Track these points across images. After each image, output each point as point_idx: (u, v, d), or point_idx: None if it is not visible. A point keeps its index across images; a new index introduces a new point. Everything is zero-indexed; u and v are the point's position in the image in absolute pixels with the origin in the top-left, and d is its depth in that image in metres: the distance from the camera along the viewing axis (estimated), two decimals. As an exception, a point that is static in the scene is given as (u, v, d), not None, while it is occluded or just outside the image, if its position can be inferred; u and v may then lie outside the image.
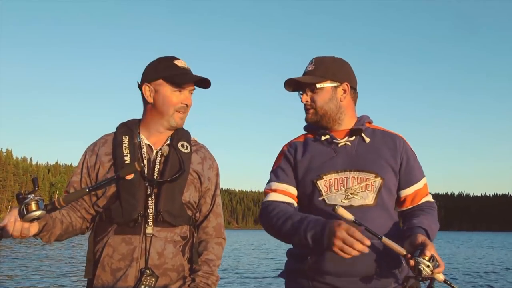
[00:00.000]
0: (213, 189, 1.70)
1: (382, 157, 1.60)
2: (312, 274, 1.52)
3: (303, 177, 1.60)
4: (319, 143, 1.65)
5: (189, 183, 1.59)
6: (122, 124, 1.67)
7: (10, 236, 1.32)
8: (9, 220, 1.31)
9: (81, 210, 1.59)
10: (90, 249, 1.55)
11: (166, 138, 1.64)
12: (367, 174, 1.56)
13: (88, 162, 1.62)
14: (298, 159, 1.63)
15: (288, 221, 1.48)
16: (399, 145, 1.64)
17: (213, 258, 1.62)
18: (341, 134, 1.65)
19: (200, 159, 1.68)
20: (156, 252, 1.50)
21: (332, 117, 1.64)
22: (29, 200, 1.29)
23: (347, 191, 1.54)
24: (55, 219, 1.47)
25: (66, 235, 1.55)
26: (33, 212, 1.29)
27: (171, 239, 1.53)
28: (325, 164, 1.58)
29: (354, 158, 1.59)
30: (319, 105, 1.63)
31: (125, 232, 1.50)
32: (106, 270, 1.50)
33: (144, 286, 1.45)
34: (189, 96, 1.62)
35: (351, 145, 1.61)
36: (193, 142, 1.71)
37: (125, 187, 1.51)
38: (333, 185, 1.55)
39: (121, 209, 1.50)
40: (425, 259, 1.32)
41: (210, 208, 1.68)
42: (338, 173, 1.56)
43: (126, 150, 1.56)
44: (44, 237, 1.45)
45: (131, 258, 1.48)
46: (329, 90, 1.64)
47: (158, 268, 1.49)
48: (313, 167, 1.59)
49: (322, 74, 1.63)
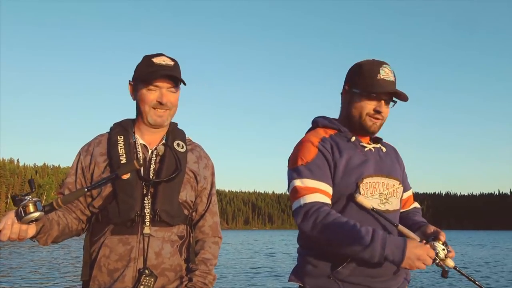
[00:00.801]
0: (209, 188, 1.69)
1: (397, 165, 1.69)
2: (349, 277, 1.51)
3: (342, 177, 1.55)
4: (348, 143, 1.61)
5: (185, 182, 1.59)
6: (117, 124, 1.65)
7: (8, 239, 1.29)
8: (6, 223, 1.28)
9: (77, 211, 1.57)
10: (87, 250, 1.53)
11: (161, 137, 1.63)
12: (393, 180, 1.62)
13: (82, 162, 1.60)
14: (336, 157, 1.56)
15: (353, 232, 1.42)
16: (399, 155, 1.77)
17: (210, 257, 1.61)
18: (364, 139, 1.66)
19: (196, 158, 1.67)
20: (154, 252, 1.49)
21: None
22: (26, 202, 1.27)
23: (381, 196, 1.56)
24: (52, 220, 1.46)
25: (62, 236, 1.53)
26: (31, 213, 1.26)
27: (168, 239, 1.53)
28: (362, 167, 1.57)
29: (380, 164, 1.61)
30: (386, 117, 1.63)
31: (122, 232, 1.49)
32: (103, 271, 1.48)
33: (143, 287, 1.44)
34: (167, 93, 1.57)
35: (375, 151, 1.64)
36: (188, 141, 1.70)
37: (122, 187, 1.50)
38: (369, 189, 1.55)
39: (118, 209, 1.49)
40: (440, 243, 1.45)
41: (206, 207, 1.67)
42: (372, 177, 1.57)
43: (122, 150, 1.55)
44: (41, 239, 1.44)
45: (129, 258, 1.47)
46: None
47: (155, 268, 1.48)
48: (352, 168, 1.56)
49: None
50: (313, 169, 1.54)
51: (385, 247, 1.38)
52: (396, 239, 1.42)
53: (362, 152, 1.61)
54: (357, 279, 1.51)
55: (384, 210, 1.56)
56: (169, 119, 1.62)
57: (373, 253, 1.39)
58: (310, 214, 1.47)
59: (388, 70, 1.60)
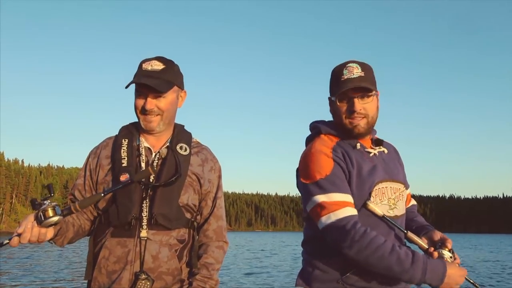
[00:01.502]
0: (214, 192, 1.67)
1: (400, 167, 1.67)
2: (357, 282, 1.49)
3: (358, 186, 1.51)
4: (355, 151, 1.57)
5: (187, 185, 1.58)
6: (124, 127, 1.67)
7: (27, 242, 1.33)
8: (26, 226, 1.32)
9: (87, 213, 1.61)
10: (90, 251, 1.56)
11: (165, 140, 1.63)
12: (398, 184, 1.59)
13: (90, 165, 1.63)
14: (349, 167, 1.52)
15: (393, 254, 1.38)
16: (399, 154, 1.74)
17: (212, 262, 1.59)
18: (367, 143, 1.62)
19: (201, 161, 1.65)
20: (151, 255, 1.49)
21: (373, 128, 1.62)
22: (46, 206, 1.32)
23: (389, 201, 1.54)
24: (68, 222, 1.50)
25: (77, 237, 1.57)
26: (50, 218, 1.31)
27: (166, 243, 1.52)
28: (373, 174, 1.53)
29: (386, 168, 1.58)
30: (371, 115, 1.57)
31: (121, 235, 1.51)
32: (103, 272, 1.50)
33: None
34: (151, 100, 1.55)
35: (378, 155, 1.60)
36: (196, 143, 1.69)
37: (122, 190, 1.51)
38: (378, 195, 1.53)
39: (117, 212, 1.51)
40: (447, 251, 1.47)
41: (211, 211, 1.65)
42: (381, 182, 1.54)
43: (124, 153, 1.57)
44: (58, 241, 1.48)
45: (126, 261, 1.48)
46: (376, 99, 1.59)
47: (152, 272, 1.48)
48: (365, 176, 1.52)
49: (372, 81, 1.57)
50: (336, 182, 1.48)
51: (426, 272, 1.37)
52: (436, 264, 1.39)
53: (369, 159, 1.57)
54: (366, 284, 1.50)
55: (393, 216, 1.54)
56: (161, 124, 1.59)
57: (413, 277, 1.38)
58: (347, 230, 1.41)
59: (352, 68, 1.57)
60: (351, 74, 1.55)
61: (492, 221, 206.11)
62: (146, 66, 1.58)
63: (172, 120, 1.65)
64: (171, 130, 1.67)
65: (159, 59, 1.61)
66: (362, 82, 1.53)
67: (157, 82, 1.54)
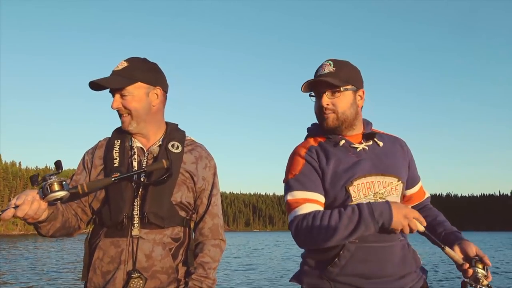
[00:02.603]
0: (209, 189, 1.66)
1: (399, 161, 1.63)
2: (339, 276, 1.50)
3: (332, 183, 1.53)
4: (337, 148, 1.59)
5: (180, 183, 1.57)
6: (117, 129, 1.66)
7: (24, 216, 1.28)
8: (26, 199, 1.27)
9: (77, 210, 1.60)
10: (86, 252, 1.55)
11: (157, 139, 1.63)
12: (391, 178, 1.56)
13: (88, 163, 1.63)
14: (323, 165, 1.55)
15: (342, 216, 1.43)
16: (405, 148, 1.69)
17: (208, 260, 1.58)
18: (355, 138, 1.62)
19: (194, 158, 1.64)
20: (144, 254, 1.48)
21: (350, 123, 1.59)
22: (53, 180, 1.27)
23: (376, 196, 1.52)
24: (58, 210, 1.47)
25: (62, 230, 1.53)
26: (56, 191, 1.26)
27: (160, 241, 1.51)
28: (353, 169, 1.53)
29: (376, 162, 1.57)
30: (341, 110, 1.57)
31: (114, 235, 1.50)
32: (97, 273, 1.50)
33: None
34: (117, 99, 1.55)
35: (369, 149, 1.59)
36: (190, 141, 1.69)
37: (113, 190, 1.51)
38: (361, 190, 1.52)
39: (109, 212, 1.50)
40: (481, 268, 1.42)
41: (206, 209, 1.64)
42: (365, 177, 1.53)
43: (116, 154, 1.57)
44: (45, 227, 1.44)
45: (119, 260, 1.47)
46: (350, 95, 1.58)
47: (146, 271, 1.48)
48: (341, 172, 1.53)
49: (344, 77, 1.57)
50: (301, 180, 1.54)
51: (373, 213, 1.41)
52: (379, 203, 1.45)
53: (354, 154, 1.57)
54: (348, 279, 1.49)
55: None
56: (134, 123, 1.58)
57: (367, 223, 1.41)
58: (300, 225, 1.47)
59: (325, 65, 1.60)
60: (322, 70, 1.59)
61: (489, 219, 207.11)
62: (116, 67, 1.57)
63: (150, 118, 1.60)
64: (158, 128, 1.65)
65: (128, 59, 1.59)
66: (328, 77, 1.55)
67: (111, 79, 1.52)
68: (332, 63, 1.60)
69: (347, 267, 1.49)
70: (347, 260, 1.48)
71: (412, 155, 1.71)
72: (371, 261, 1.48)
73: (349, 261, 1.48)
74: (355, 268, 1.48)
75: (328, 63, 1.60)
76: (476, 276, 1.41)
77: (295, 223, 1.49)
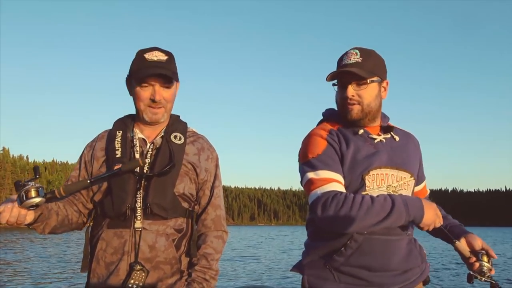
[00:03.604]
0: (212, 180, 1.66)
1: (412, 157, 1.62)
2: (343, 266, 1.50)
3: (349, 169, 1.52)
4: (356, 136, 1.58)
5: (182, 174, 1.57)
6: (118, 120, 1.67)
7: (6, 223, 1.31)
8: (6, 206, 1.30)
9: (78, 205, 1.60)
10: (86, 243, 1.56)
11: (160, 130, 1.63)
12: (404, 173, 1.56)
13: (85, 157, 1.64)
14: (343, 149, 1.54)
15: (375, 203, 1.41)
16: (418, 145, 1.69)
17: (211, 252, 1.58)
18: (374, 130, 1.61)
19: (197, 150, 1.65)
20: (147, 245, 1.49)
21: (373, 115, 1.58)
22: (29, 187, 1.28)
23: (388, 188, 1.52)
24: (51, 210, 1.47)
25: (61, 228, 1.55)
26: (32, 198, 1.28)
27: (163, 232, 1.52)
28: (370, 159, 1.53)
29: (392, 155, 1.56)
30: (367, 102, 1.54)
31: (117, 226, 1.51)
32: (101, 264, 1.51)
33: (134, 281, 1.44)
34: (159, 90, 1.55)
35: (386, 142, 1.59)
36: (192, 133, 1.69)
37: (116, 181, 1.52)
38: (375, 181, 1.52)
39: (112, 203, 1.51)
40: (486, 262, 1.46)
41: (208, 200, 1.65)
42: (381, 168, 1.53)
43: (118, 144, 1.57)
44: (39, 227, 1.45)
45: (122, 251, 1.48)
46: (376, 87, 1.56)
47: (150, 261, 1.48)
48: (359, 160, 1.52)
49: (371, 68, 1.54)
50: (325, 160, 1.52)
51: (407, 204, 1.41)
52: (413, 198, 1.46)
53: (372, 144, 1.57)
54: (352, 270, 1.49)
55: None
56: (165, 115, 1.61)
57: (400, 213, 1.40)
58: (329, 202, 1.43)
59: (352, 53, 1.56)
60: (348, 59, 1.55)
61: (494, 214, 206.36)
62: (151, 57, 1.55)
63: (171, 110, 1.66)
64: (167, 121, 1.67)
65: (160, 50, 1.59)
66: (354, 67, 1.51)
67: (169, 72, 1.55)
68: (358, 52, 1.56)
69: (352, 257, 1.49)
70: (353, 250, 1.48)
71: (421, 153, 1.71)
72: (376, 253, 1.48)
73: (355, 252, 1.48)
74: (360, 259, 1.48)
75: (355, 52, 1.56)
76: (481, 269, 1.44)
77: (323, 199, 1.44)
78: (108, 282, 1.48)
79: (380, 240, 1.48)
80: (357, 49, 1.57)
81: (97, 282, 1.51)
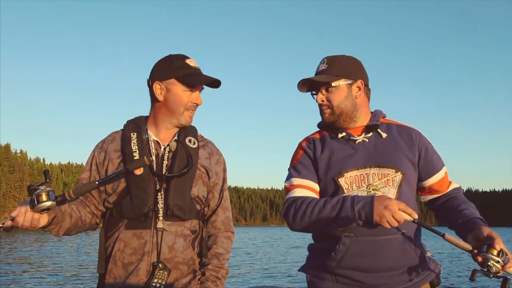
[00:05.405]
0: (221, 184, 1.71)
1: (401, 151, 1.60)
2: (337, 269, 1.53)
3: (324, 174, 1.59)
4: (336, 140, 1.64)
5: (197, 178, 1.61)
6: (130, 121, 1.69)
7: (20, 226, 1.33)
8: (20, 210, 1.33)
9: (91, 206, 1.63)
10: (102, 244, 1.58)
11: (173, 134, 1.66)
12: (387, 169, 1.56)
13: (97, 159, 1.64)
14: (317, 155, 1.62)
15: (327, 204, 1.48)
16: (415, 138, 1.64)
17: (222, 252, 1.64)
18: (357, 131, 1.64)
19: (207, 154, 1.69)
20: (167, 246, 1.52)
21: (349, 116, 1.63)
22: (40, 191, 1.31)
23: (369, 188, 1.53)
24: (64, 212, 1.49)
25: (75, 229, 1.57)
26: (43, 202, 1.31)
27: (181, 233, 1.56)
28: (345, 161, 1.57)
29: (373, 154, 1.58)
30: (336, 104, 1.62)
31: (136, 227, 1.53)
32: (118, 264, 1.52)
33: (157, 280, 1.47)
34: (199, 95, 1.64)
35: (369, 141, 1.61)
36: (200, 137, 1.73)
37: (135, 183, 1.53)
38: (354, 182, 1.54)
39: (131, 204, 1.52)
40: (494, 254, 1.28)
41: (218, 203, 1.69)
42: (358, 169, 1.56)
43: (135, 146, 1.58)
44: (53, 230, 1.48)
45: (143, 252, 1.51)
46: (344, 88, 1.62)
47: (169, 262, 1.52)
48: (333, 164, 1.58)
49: (336, 72, 1.62)
50: (298, 168, 1.63)
51: (354, 204, 1.43)
52: (365, 196, 1.47)
53: (352, 146, 1.60)
54: (346, 272, 1.52)
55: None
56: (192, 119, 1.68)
57: (346, 213, 1.43)
58: (290, 206, 1.55)
59: (320, 63, 1.67)
60: (317, 70, 1.67)
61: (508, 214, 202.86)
62: (193, 64, 1.63)
63: None
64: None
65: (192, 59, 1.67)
66: (321, 74, 1.63)
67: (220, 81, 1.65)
68: (326, 60, 1.66)
69: (343, 260, 1.51)
70: (343, 254, 1.51)
71: (428, 144, 1.66)
72: (366, 254, 1.49)
73: (345, 255, 1.51)
74: (351, 261, 1.50)
75: (322, 61, 1.67)
76: (486, 263, 1.28)
77: (286, 205, 1.58)
78: (127, 282, 1.49)
79: (367, 241, 1.49)
80: (325, 58, 1.67)
81: (114, 283, 1.52)
